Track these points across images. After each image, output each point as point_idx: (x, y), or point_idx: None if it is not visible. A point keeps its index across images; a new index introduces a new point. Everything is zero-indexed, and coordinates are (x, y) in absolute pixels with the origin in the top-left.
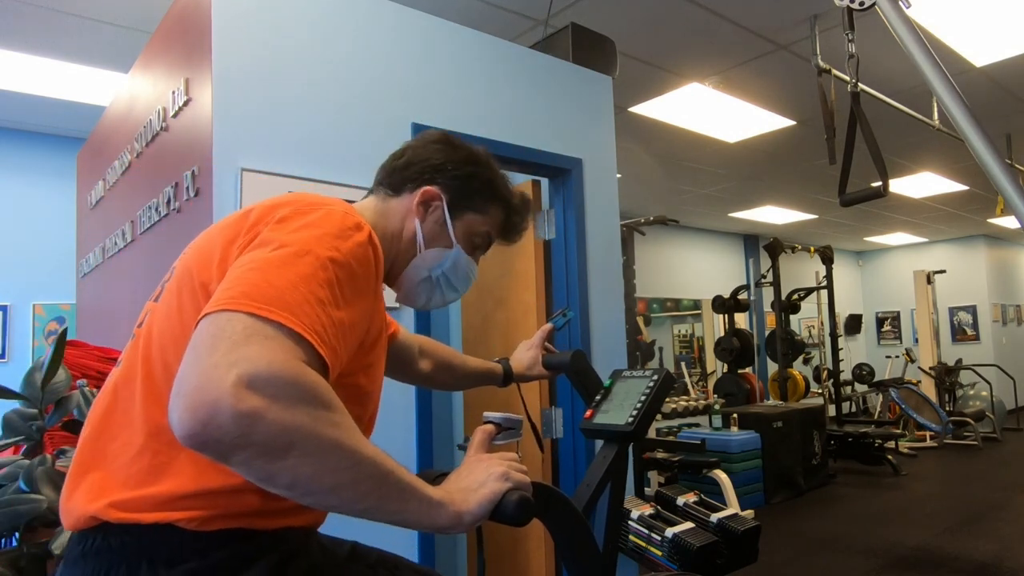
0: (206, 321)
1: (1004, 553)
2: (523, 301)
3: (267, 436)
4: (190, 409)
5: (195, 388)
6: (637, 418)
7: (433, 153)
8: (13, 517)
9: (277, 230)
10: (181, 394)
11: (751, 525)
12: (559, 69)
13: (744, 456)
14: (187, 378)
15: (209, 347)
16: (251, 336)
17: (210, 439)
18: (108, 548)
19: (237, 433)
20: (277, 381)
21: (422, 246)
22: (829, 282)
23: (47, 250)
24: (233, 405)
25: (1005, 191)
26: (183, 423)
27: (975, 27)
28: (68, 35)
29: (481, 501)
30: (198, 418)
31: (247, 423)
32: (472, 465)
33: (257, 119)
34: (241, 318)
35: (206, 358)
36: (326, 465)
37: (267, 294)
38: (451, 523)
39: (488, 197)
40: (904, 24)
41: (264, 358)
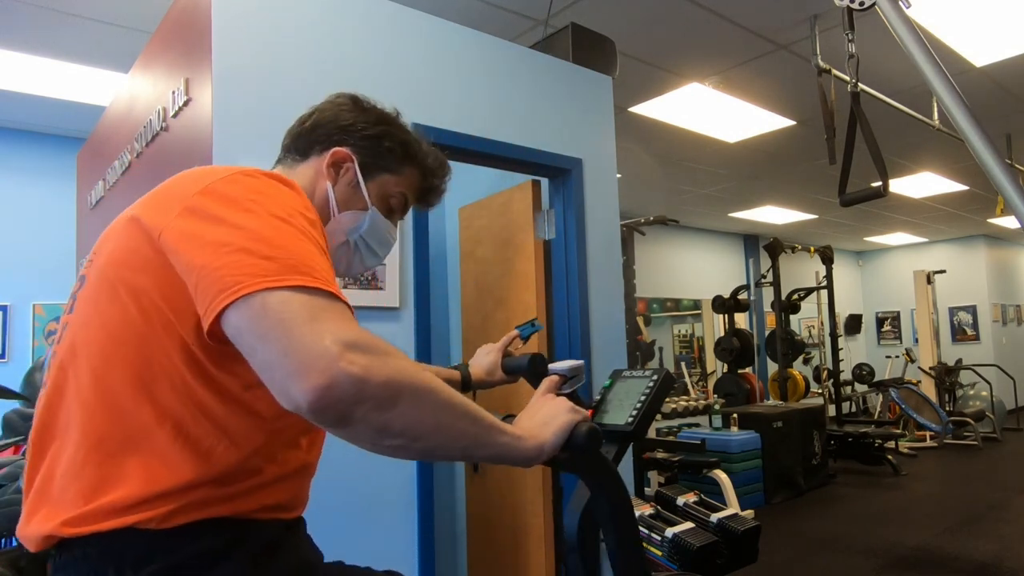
0: (250, 306)
1: (1004, 553)
2: (523, 301)
3: (378, 389)
4: (307, 382)
5: (303, 364)
6: (637, 418)
7: (341, 113)
8: (13, 517)
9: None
10: (291, 375)
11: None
12: (559, 69)
13: (744, 456)
14: (286, 360)
15: (286, 327)
16: (314, 309)
17: (332, 402)
18: (71, 562)
19: (355, 391)
20: (362, 342)
21: (335, 210)
22: (829, 282)
23: (47, 250)
24: (345, 368)
25: (1005, 191)
26: (305, 396)
27: (975, 27)
28: (68, 35)
29: (557, 431)
30: (319, 388)
31: (361, 381)
32: (541, 404)
33: (257, 119)
34: (282, 295)
35: (294, 337)
36: (428, 406)
37: (286, 263)
38: (536, 453)
39: (402, 157)
40: (904, 24)
41: (342, 325)
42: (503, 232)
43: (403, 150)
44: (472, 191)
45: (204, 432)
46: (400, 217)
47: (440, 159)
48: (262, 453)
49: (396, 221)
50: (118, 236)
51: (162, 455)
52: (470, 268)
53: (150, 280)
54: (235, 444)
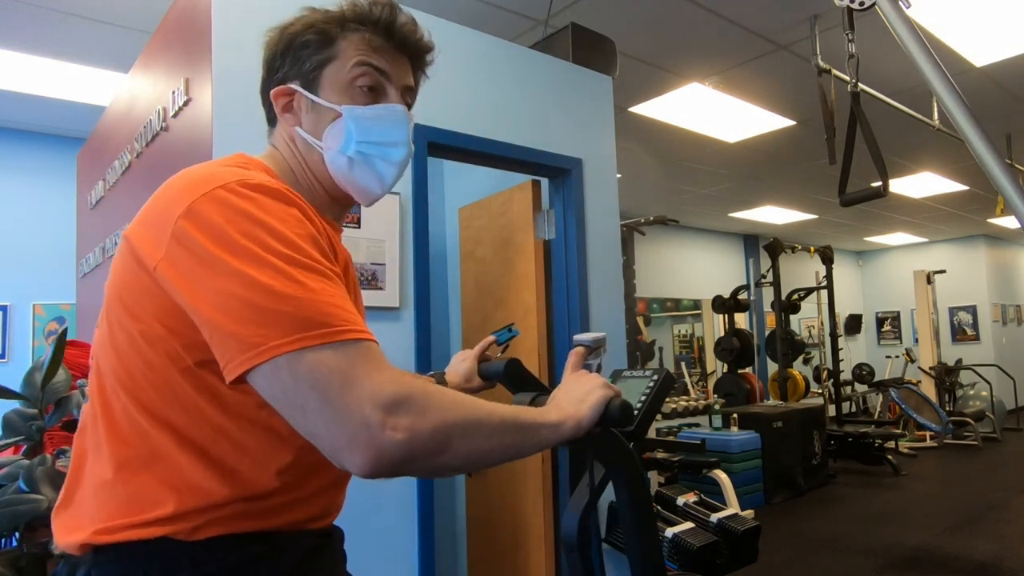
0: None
1: (1004, 553)
2: (523, 301)
3: (426, 444)
4: (357, 457)
5: (350, 440)
6: (637, 418)
7: (265, 57)
8: (13, 517)
9: (197, 230)
10: (340, 450)
11: (751, 525)
12: (559, 69)
13: (744, 456)
14: (331, 434)
15: (323, 397)
16: (349, 368)
17: (384, 468)
18: (102, 568)
19: (403, 454)
20: (398, 398)
21: (317, 144)
22: (829, 282)
23: (47, 250)
24: (390, 437)
25: (1005, 191)
26: (359, 469)
27: (975, 27)
28: (68, 35)
29: (593, 405)
30: (369, 461)
31: (407, 444)
32: (575, 381)
33: (257, 119)
34: (315, 355)
35: (334, 409)
36: (477, 438)
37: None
38: (574, 432)
39: (324, 39)
40: (904, 24)
41: (376, 380)
42: (503, 232)
43: (313, 36)
44: (472, 191)
45: (224, 452)
46: (396, 91)
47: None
48: (293, 469)
49: (396, 101)
50: (119, 256)
51: (187, 475)
52: (470, 268)
53: (151, 308)
54: (259, 462)
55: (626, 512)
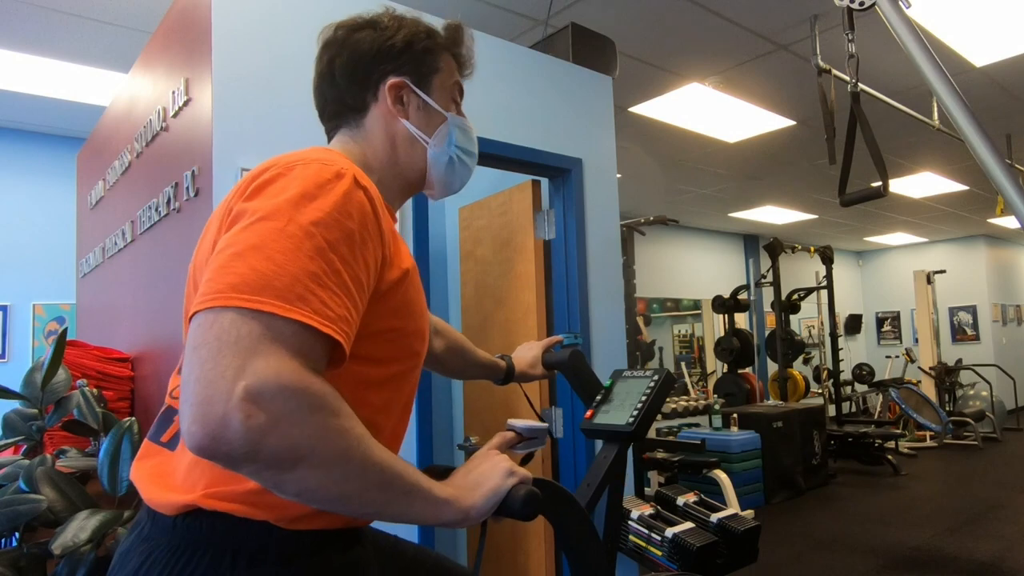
0: (201, 320)
1: (1004, 553)
2: (523, 301)
3: (275, 450)
4: (199, 422)
5: (203, 400)
6: (638, 418)
7: (362, 44)
8: (13, 517)
9: (251, 201)
10: (190, 404)
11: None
12: (559, 69)
13: (744, 456)
14: (194, 388)
15: (213, 353)
16: (255, 343)
17: (219, 452)
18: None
19: (246, 448)
20: (284, 393)
21: (425, 138)
22: (829, 282)
23: (47, 250)
24: (242, 421)
25: (1005, 191)
26: (192, 436)
27: (975, 27)
28: (68, 35)
29: (487, 495)
30: (207, 432)
31: (255, 438)
32: (478, 460)
33: (257, 119)
34: (238, 317)
35: (211, 366)
36: (332, 476)
37: (254, 282)
38: (457, 519)
39: (434, 50)
40: (904, 24)
41: (271, 369)
42: (503, 232)
43: (431, 42)
44: (472, 191)
45: None
46: (461, 101)
47: (453, 26)
48: None
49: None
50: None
51: None
52: (470, 268)
53: None
54: None
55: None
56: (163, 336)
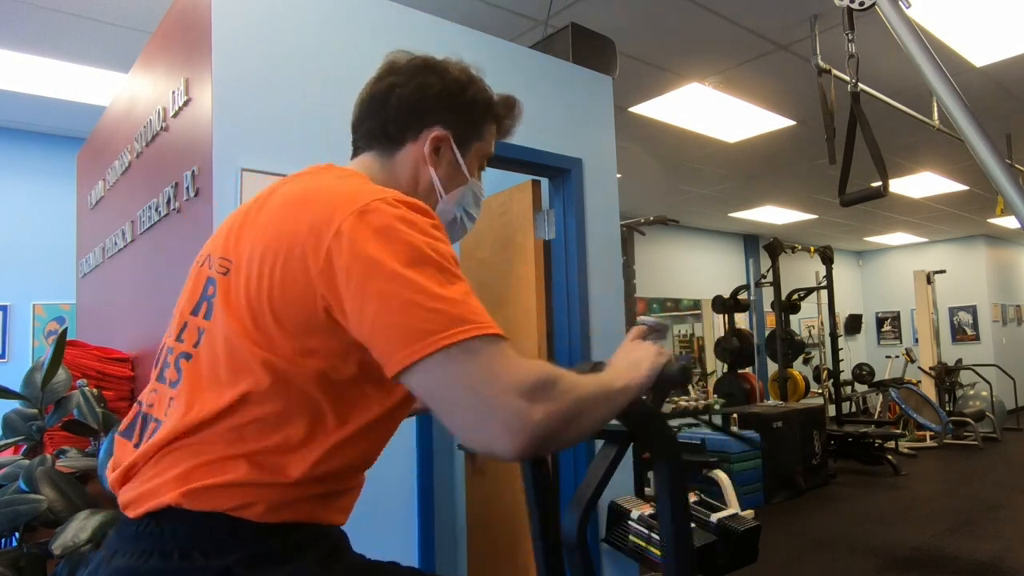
0: (430, 371)
1: (1004, 553)
2: (523, 301)
3: (561, 423)
4: (513, 443)
5: (504, 428)
6: None
7: (424, 87)
8: (13, 517)
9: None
10: (495, 438)
11: (751, 525)
12: (559, 69)
13: (744, 456)
14: (487, 425)
15: (471, 389)
16: (487, 362)
17: (537, 449)
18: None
19: (547, 434)
20: (534, 383)
21: (442, 192)
22: (829, 282)
23: (47, 250)
24: (536, 420)
25: (1005, 191)
26: (514, 454)
27: (975, 27)
28: (68, 35)
29: (648, 371)
30: (524, 445)
31: (548, 423)
32: (631, 348)
33: (257, 119)
34: (456, 352)
35: (479, 399)
36: (590, 414)
37: (439, 321)
38: (637, 391)
39: (485, 120)
40: (904, 24)
41: (514, 371)
42: (503, 232)
43: (487, 110)
44: None
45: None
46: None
47: (510, 102)
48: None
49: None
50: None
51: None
52: (470, 268)
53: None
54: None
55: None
56: (163, 336)
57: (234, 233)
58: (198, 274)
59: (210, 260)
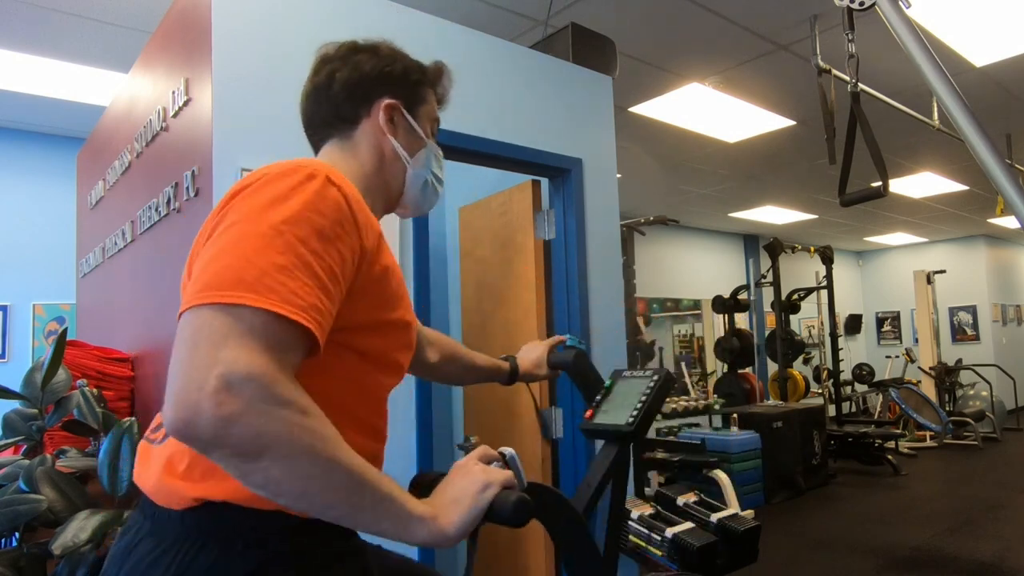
0: (183, 320)
1: (1004, 553)
2: (523, 301)
3: (241, 439)
4: (174, 408)
5: (180, 389)
6: (637, 418)
7: (364, 64)
8: (13, 517)
9: (230, 209)
10: (170, 393)
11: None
12: (559, 69)
13: (744, 456)
14: (173, 379)
15: (190, 347)
16: (228, 335)
17: (191, 436)
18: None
19: (213, 434)
20: (253, 385)
21: (407, 158)
22: (829, 282)
23: (47, 250)
24: (211, 409)
25: (1005, 191)
26: (168, 421)
27: (975, 27)
28: (68, 35)
29: (466, 512)
30: (180, 418)
31: (223, 426)
32: (455, 473)
33: (257, 119)
34: (212, 313)
35: (188, 360)
36: (296, 471)
37: (227, 278)
38: (433, 539)
39: (423, 83)
40: (904, 24)
41: (242, 361)
42: (503, 232)
43: (422, 76)
44: (472, 191)
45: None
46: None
47: (438, 66)
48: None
49: None
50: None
51: None
52: (470, 268)
53: None
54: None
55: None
56: (163, 336)
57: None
58: (185, 278)
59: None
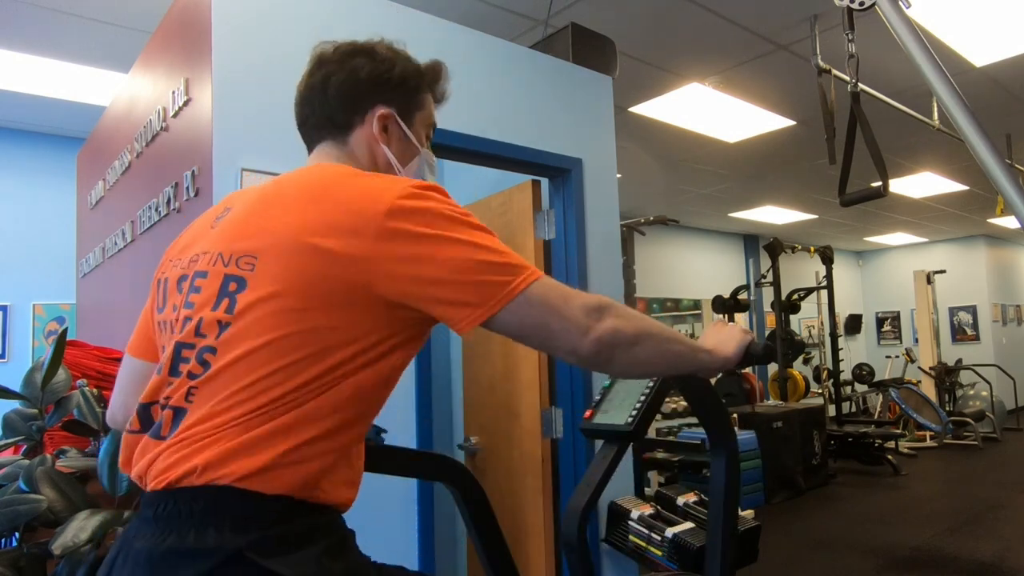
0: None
1: (1004, 553)
2: None
3: (626, 336)
4: (588, 341)
5: (581, 331)
6: (637, 418)
7: (360, 70)
8: (13, 517)
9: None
10: (577, 339)
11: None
12: (559, 69)
13: (744, 456)
14: (569, 332)
15: (557, 311)
16: (556, 291)
17: (604, 348)
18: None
19: (614, 340)
20: (601, 307)
21: (399, 167)
22: (829, 282)
23: (47, 250)
24: (606, 327)
25: (1005, 191)
26: (591, 348)
27: (975, 27)
28: (68, 35)
29: (738, 347)
30: (596, 342)
31: (616, 334)
32: (717, 328)
33: (257, 119)
34: (532, 290)
35: (565, 317)
36: (657, 341)
37: (506, 270)
38: (723, 364)
39: (421, 88)
40: (904, 24)
41: (580, 299)
42: (503, 232)
43: (420, 80)
44: (472, 191)
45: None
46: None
47: (436, 66)
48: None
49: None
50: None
51: None
52: None
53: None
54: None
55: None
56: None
57: (241, 231)
58: (214, 272)
59: (220, 257)
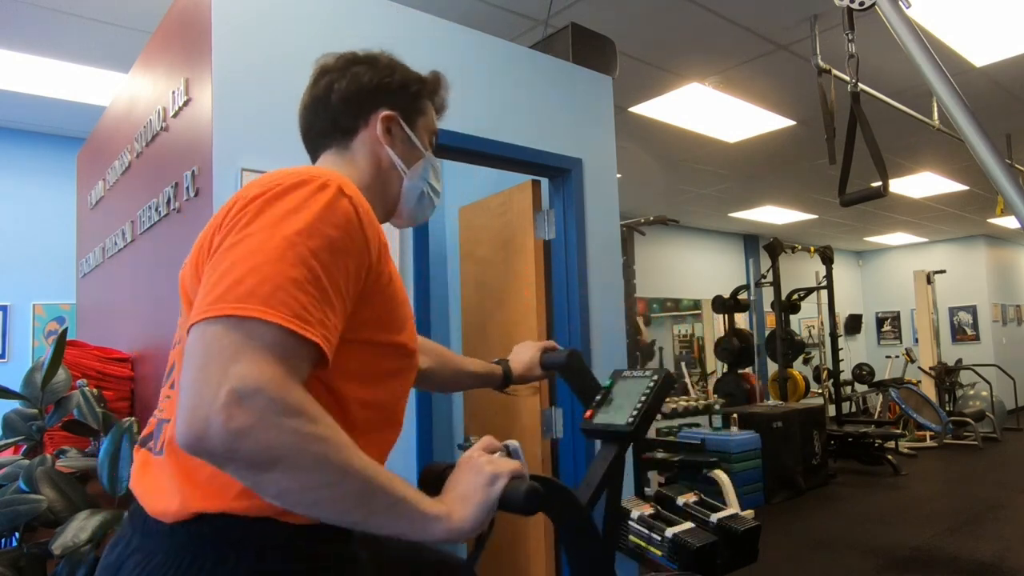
0: (195, 332)
1: (1004, 553)
2: (523, 301)
3: (253, 452)
4: (187, 423)
5: (192, 404)
6: (637, 418)
7: (362, 76)
8: (13, 517)
9: (242, 216)
10: (182, 408)
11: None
12: (559, 69)
13: (744, 456)
14: (185, 393)
15: (202, 362)
16: (239, 349)
17: (203, 451)
18: (197, 534)
19: (225, 448)
20: (263, 397)
21: (404, 169)
22: (829, 282)
23: (47, 250)
24: (223, 423)
25: (1005, 191)
26: (181, 435)
27: (975, 27)
28: (68, 35)
29: (477, 510)
30: (193, 432)
31: (234, 439)
32: (462, 468)
33: (257, 119)
34: (224, 326)
35: (200, 374)
36: (309, 481)
37: (240, 291)
38: (450, 536)
39: (421, 94)
40: (904, 24)
41: (252, 373)
42: (503, 232)
43: (421, 87)
44: (472, 191)
45: None
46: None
47: (436, 77)
48: None
49: None
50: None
51: None
52: (470, 268)
53: None
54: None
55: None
56: (163, 336)
57: None
58: (182, 281)
59: None
